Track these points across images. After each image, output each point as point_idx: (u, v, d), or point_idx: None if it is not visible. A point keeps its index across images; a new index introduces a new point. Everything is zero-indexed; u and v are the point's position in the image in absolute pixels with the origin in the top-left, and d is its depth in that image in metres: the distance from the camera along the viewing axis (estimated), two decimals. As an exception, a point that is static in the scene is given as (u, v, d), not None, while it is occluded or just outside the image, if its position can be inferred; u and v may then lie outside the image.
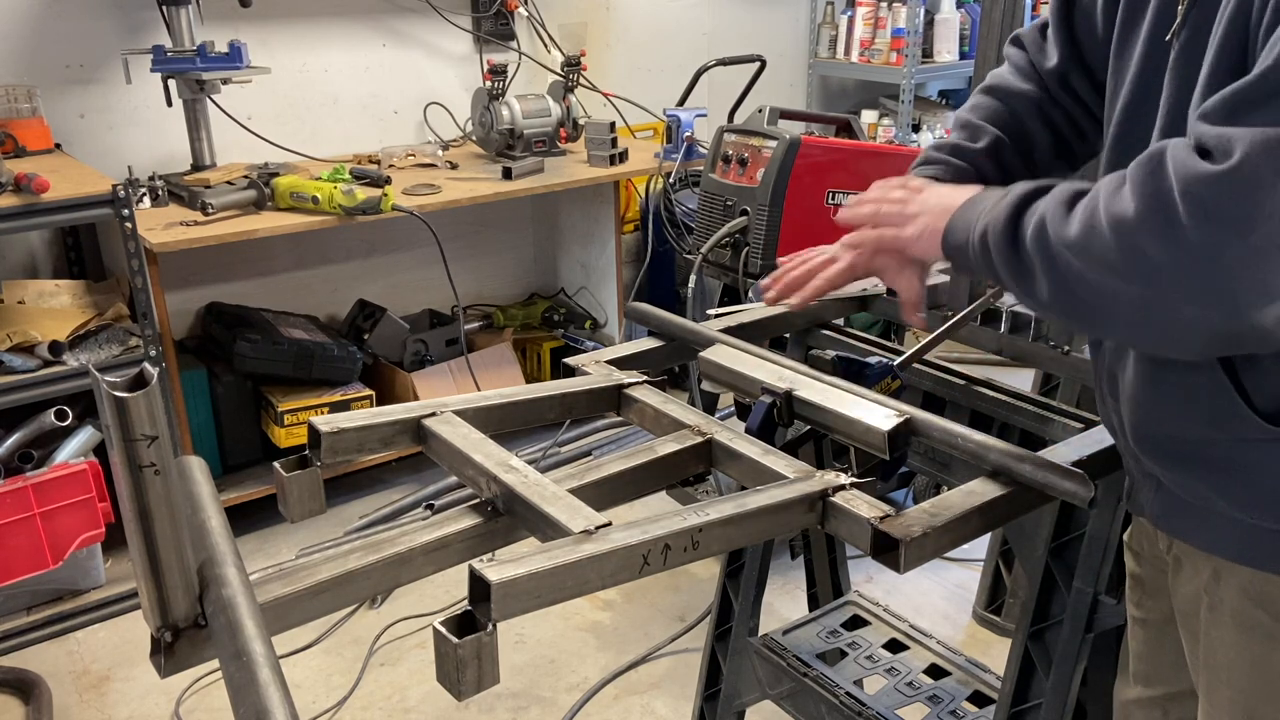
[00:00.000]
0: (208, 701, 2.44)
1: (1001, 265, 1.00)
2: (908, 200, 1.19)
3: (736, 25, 4.46)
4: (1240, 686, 1.07)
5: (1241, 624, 1.05)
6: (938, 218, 1.12)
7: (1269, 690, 1.05)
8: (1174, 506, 1.08)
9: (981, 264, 1.04)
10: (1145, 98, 1.05)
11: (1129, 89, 1.08)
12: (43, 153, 2.91)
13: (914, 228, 1.16)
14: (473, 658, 0.89)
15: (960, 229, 1.08)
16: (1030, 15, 4.69)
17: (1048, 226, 0.94)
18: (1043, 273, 0.95)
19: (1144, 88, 1.05)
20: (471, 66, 3.79)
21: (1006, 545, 2.54)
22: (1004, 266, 1.00)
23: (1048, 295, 0.95)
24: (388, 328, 3.47)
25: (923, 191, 1.19)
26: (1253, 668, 1.05)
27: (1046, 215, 0.95)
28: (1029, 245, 0.96)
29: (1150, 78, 1.04)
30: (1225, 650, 1.07)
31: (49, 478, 2.55)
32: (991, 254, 1.01)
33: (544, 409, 1.34)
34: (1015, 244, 0.98)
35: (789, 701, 1.77)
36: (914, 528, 1.03)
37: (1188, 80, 0.96)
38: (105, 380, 0.81)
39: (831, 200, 2.41)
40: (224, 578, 0.93)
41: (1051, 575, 1.38)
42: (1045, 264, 0.94)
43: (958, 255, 1.09)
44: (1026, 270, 0.97)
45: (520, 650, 2.62)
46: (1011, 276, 0.99)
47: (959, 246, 1.08)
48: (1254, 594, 1.03)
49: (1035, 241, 0.95)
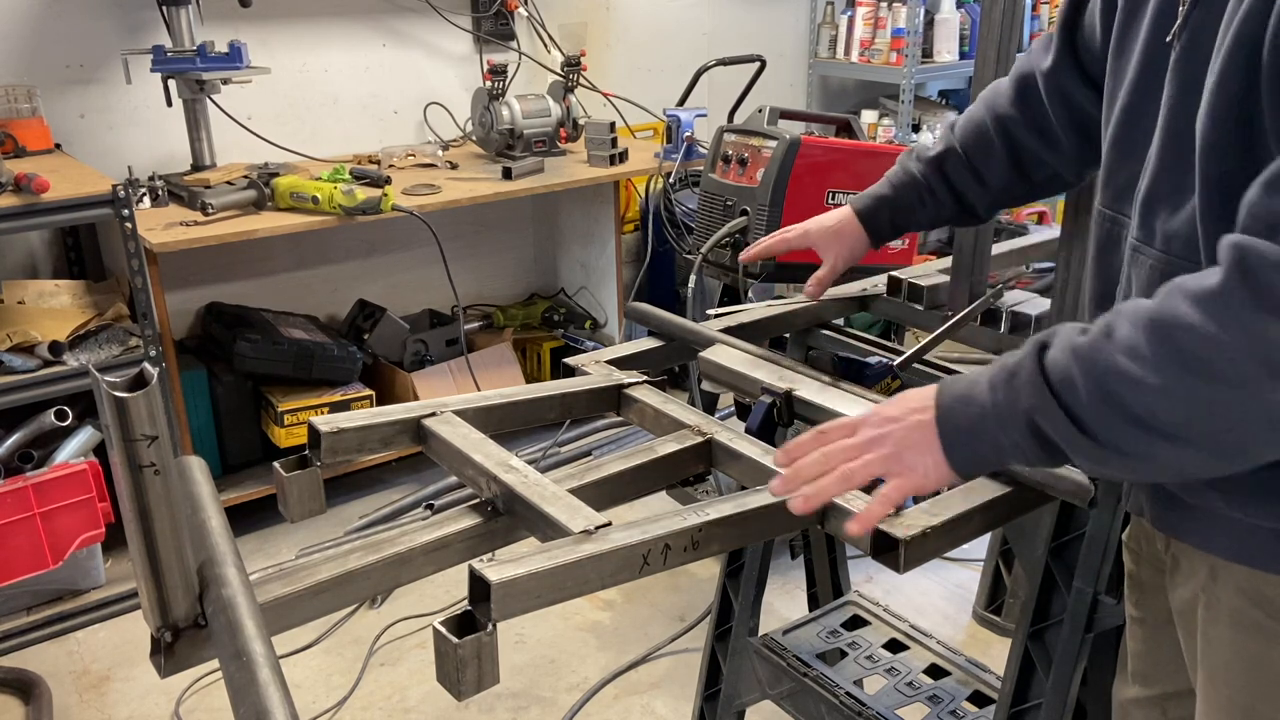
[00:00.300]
0: (208, 701, 2.44)
1: (1081, 452, 0.90)
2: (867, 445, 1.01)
3: (736, 25, 4.46)
4: (1237, 685, 1.07)
5: (1238, 623, 1.05)
6: (925, 447, 0.98)
7: (1266, 689, 1.04)
8: (1171, 505, 1.08)
9: (1039, 456, 0.94)
10: (1145, 100, 1.04)
11: (1127, 91, 1.07)
12: (43, 153, 2.91)
13: (914, 468, 1.00)
14: (473, 658, 0.89)
15: (972, 441, 0.97)
16: (1030, 15, 4.70)
17: (1119, 392, 0.85)
18: (1145, 439, 0.86)
19: (1143, 90, 1.05)
20: (471, 66, 3.79)
21: (1006, 545, 2.54)
22: (1086, 454, 0.90)
23: (1163, 457, 0.87)
24: (388, 328, 3.46)
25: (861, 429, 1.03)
26: (1250, 667, 1.05)
27: (1109, 381, 0.86)
28: (1107, 421, 0.87)
29: (1150, 80, 1.03)
30: (1222, 649, 1.07)
31: (49, 478, 2.55)
32: (1061, 446, 0.91)
33: (544, 409, 1.34)
34: (1080, 425, 0.88)
35: (789, 701, 1.77)
36: (914, 528, 1.03)
37: (1189, 82, 0.96)
38: (105, 380, 0.81)
39: (831, 200, 2.41)
40: (224, 578, 0.93)
41: (1051, 575, 1.38)
42: (1141, 430, 0.86)
43: (980, 464, 1.00)
44: (1117, 447, 0.88)
45: (520, 650, 2.62)
46: (1104, 460, 0.90)
47: (982, 459, 0.98)
48: (1251, 593, 1.03)
49: (1109, 412, 0.86)
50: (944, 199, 1.44)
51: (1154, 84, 1.02)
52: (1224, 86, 0.90)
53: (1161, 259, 1.01)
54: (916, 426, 0.99)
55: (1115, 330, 0.87)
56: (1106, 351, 0.87)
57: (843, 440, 1.02)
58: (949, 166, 1.43)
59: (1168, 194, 1.00)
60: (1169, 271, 0.99)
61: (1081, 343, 0.89)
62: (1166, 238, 1.00)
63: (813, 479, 1.01)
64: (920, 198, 1.46)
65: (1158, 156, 1.01)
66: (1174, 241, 0.99)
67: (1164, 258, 1.01)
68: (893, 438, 1.00)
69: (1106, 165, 1.13)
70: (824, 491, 1.01)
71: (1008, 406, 0.93)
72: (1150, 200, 1.02)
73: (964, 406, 0.97)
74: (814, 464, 1.02)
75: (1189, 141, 0.95)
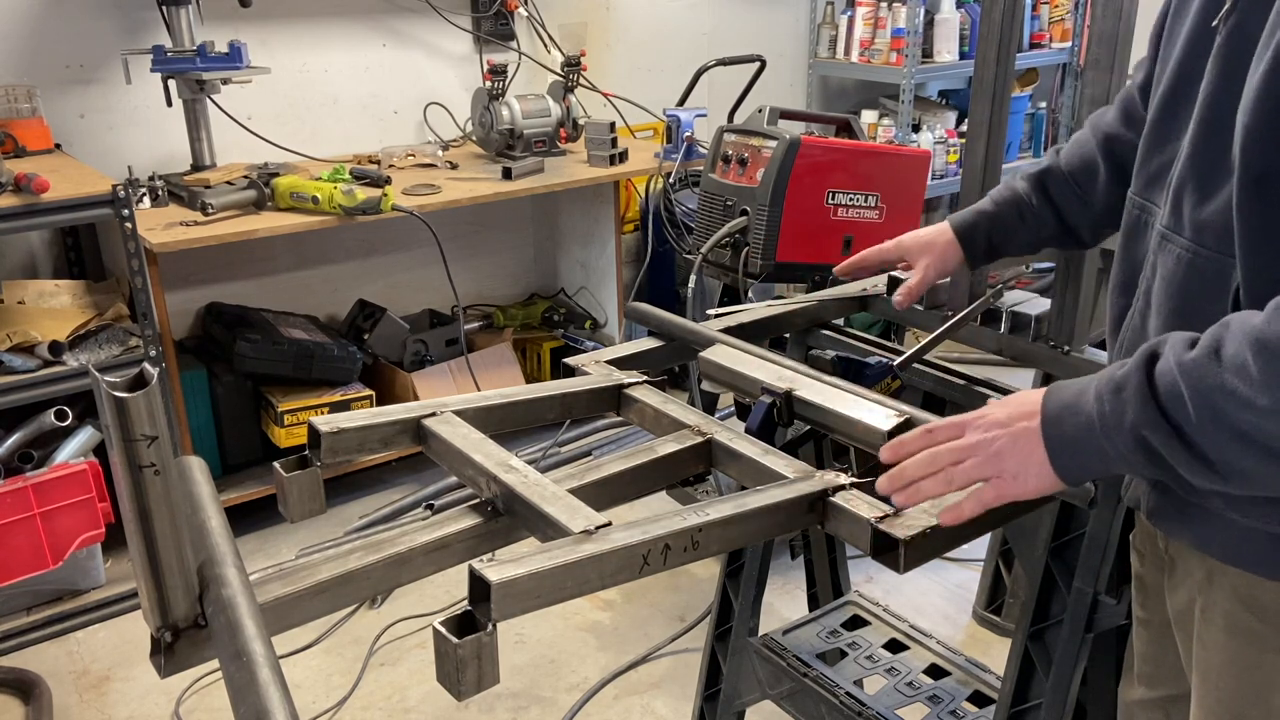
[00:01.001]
0: (208, 701, 2.44)
1: (1190, 468, 0.90)
2: (973, 448, 1.02)
3: (736, 25, 4.46)
4: (1229, 690, 1.06)
5: (1232, 628, 1.04)
6: (1030, 454, 0.98)
7: (1256, 695, 1.04)
8: (1168, 501, 1.08)
9: (1148, 469, 0.93)
10: (1186, 85, 1.02)
11: (1170, 77, 1.05)
12: (43, 153, 2.91)
13: (1016, 475, 1.00)
14: (473, 658, 0.89)
15: (1079, 451, 0.96)
16: (1030, 15, 4.71)
17: (1226, 411, 0.85)
18: (1253, 456, 0.86)
19: (1185, 76, 1.02)
20: (471, 66, 3.79)
21: (1006, 545, 2.54)
22: (1195, 470, 0.90)
23: (1269, 474, 0.87)
24: (388, 328, 3.47)
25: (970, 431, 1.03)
26: (1242, 672, 1.05)
27: (1216, 398, 0.85)
28: (1214, 439, 0.86)
29: (1192, 65, 1.01)
30: (1215, 653, 1.07)
31: (49, 478, 2.55)
32: (1168, 461, 0.90)
33: (544, 409, 1.34)
34: (1185, 440, 0.88)
35: (789, 701, 1.77)
36: (914, 528, 1.03)
37: (1231, 71, 0.93)
38: (105, 380, 0.81)
39: (831, 200, 2.41)
40: (224, 578, 0.93)
41: (1051, 575, 1.38)
42: (1247, 447, 0.85)
43: (1088, 474, 0.99)
44: (1225, 462, 0.87)
45: (520, 650, 2.62)
46: (1215, 475, 0.89)
47: (1089, 468, 0.97)
48: (1244, 598, 1.03)
49: (1216, 430, 0.86)
50: (1045, 217, 1.40)
51: (1196, 70, 0.99)
52: (1273, 79, 0.87)
53: (1190, 248, 1.00)
54: (1023, 434, 0.98)
55: (1224, 346, 0.86)
56: (1214, 370, 0.86)
57: (951, 442, 1.03)
58: (1051, 183, 1.39)
59: (1200, 183, 0.98)
60: (1196, 262, 0.98)
61: (1189, 359, 0.88)
62: (1197, 227, 0.99)
63: (921, 482, 1.02)
64: (1021, 215, 1.41)
65: (1191, 144, 0.99)
66: (1205, 232, 0.98)
67: (1193, 247, 0.99)
68: (998, 443, 0.99)
69: (1142, 151, 1.11)
70: (923, 494, 1.02)
71: (1114, 419, 0.92)
72: (1181, 188, 1.00)
73: (1071, 416, 0.96)
74: (921, 465, 1.03)
75: (1227, 131, 0.93)
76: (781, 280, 2.62)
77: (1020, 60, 4.59)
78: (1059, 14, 4.81)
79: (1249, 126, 0.90)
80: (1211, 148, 0.96)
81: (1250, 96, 0.90)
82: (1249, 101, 0.90)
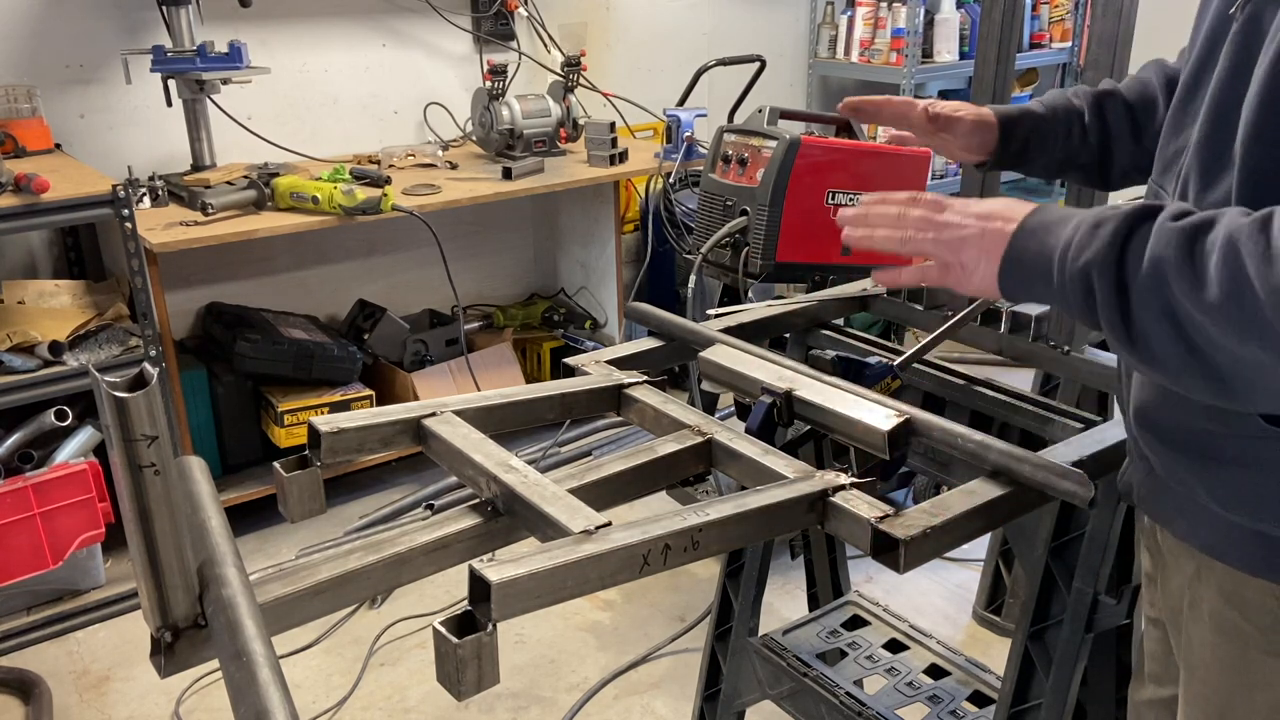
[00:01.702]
0: (208, 701, 2.44)
1: (1110, 321, 0.88)
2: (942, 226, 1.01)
3: (736, 25, 4.45)
4: (1214, 686, 1.06)
5: (1218, 624, 1.04)
6: (988, 254, 0.98)
7: (1240, 693, 1.04)
8: (1158, 490, 1.07)
9: (1078, 307, 0.91)
10: (1203, 72, 1.00)
11: (1192, 63, 1.04)
12: (43, 153, 2.91)
13: (965, 268, 1.00)
14: (473, 658, 0.89)
15: (1031, 270, 0.95)
16: (1030, 15, 4.71)
17: (1171, 284, 0.83)
18: (1169, 338, 0.85)
19: (1203, 63, 1.01)
20: (471, 66, 3.79)
21: (1006, 545, 2.54)
22: (1113, 326, 0.88)
23: (1173, 363, 0.86)
24: (388, 328, 3.47)
25: (946, 211, 1.02)
26: (1226, 669, 1.04)
27: (1168, 269, 0.84)
28: (1147, 304, 0.85)
29: (1209, 52, 1.00)
30: (1202, 649, 1.07)
31: (49, 478, 2.55)
32: (1098, 305, 0.89)
33: (544, 409, 1.34)
34: (1124, 296, 0.86)
35: (789, 701, 1.77)
36: (914, 528, 1.03)
37: (1241, 62, 0.92)
38: (105, 380, 0.81)
39: (831, 200, 2.41)
40: (224, 578, 0.93)
41: (1051, 575, 1.38)
42: (1171, 329, 0.84)
43: (1025, 293, 0.98)
44: (1143, 332, 0.86)
45: (520, 650, 2.62)
46: (1126, 339, 0.88)
47: (1030, 288, 0.96)
48: (1229, 594, 1.02)
49: (1153, 299, 0.85)
50: (1092, 139, 1.32)
51: (1213, 58, 0.98)
52: (1275, 76, 0.86)
53: None
54: (993, 233, 0.98)
55: (1209, 230, 0.84)
56: (1184, 244, 0.84)
57: (925, 212, 1.02)
58: (1109, 107, 1.31)
59: (1203, 173, 0.97)
60: None
61: (1171, 228, 0.85)
62: None
63: (878, 228, 1.03)
64: (1070, 129, 1.32)
65: (1200, 132, 0.98)
66: None
67: None
68: (966, 231, 0.99)
69: (1161, 139, 1.10)
70: (874, 241, 1.03)
71: (1078, 250, 0.91)
72: (1188, 177, 1.00)
73: (1045, 234, 0.95)
74: (887, 218, 1.03)
75: (1232, 123, 0.92)
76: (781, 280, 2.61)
77: (1020, 60, 4.59)
78: (1059, 14, 4.81)
79: (1251, 123, 0.89)
80: (1216, 139, 0.95)
81: (1254, 91, 0.89)
82: (1252, 96, 0.89)
